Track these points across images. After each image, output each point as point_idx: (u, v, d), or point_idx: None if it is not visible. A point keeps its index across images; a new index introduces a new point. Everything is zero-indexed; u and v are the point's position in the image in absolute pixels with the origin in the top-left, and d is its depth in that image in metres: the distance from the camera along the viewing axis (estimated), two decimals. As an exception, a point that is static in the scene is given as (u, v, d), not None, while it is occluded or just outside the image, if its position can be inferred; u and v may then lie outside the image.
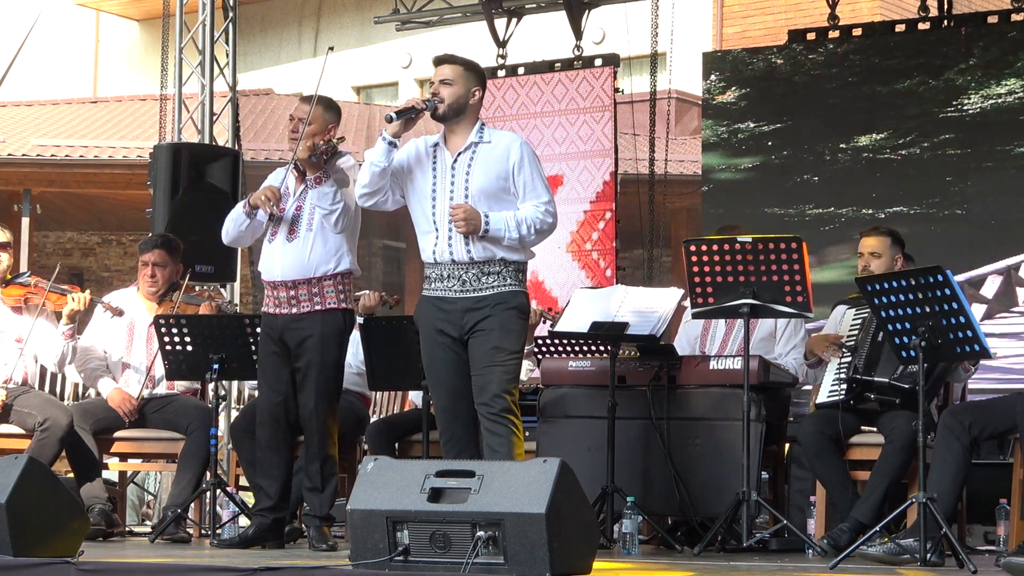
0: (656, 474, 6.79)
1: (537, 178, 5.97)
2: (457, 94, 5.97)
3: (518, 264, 5.96)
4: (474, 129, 6.00)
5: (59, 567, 4.89)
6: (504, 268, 5.91)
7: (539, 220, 5.92)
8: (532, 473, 4.65)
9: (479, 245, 5.90)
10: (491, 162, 5.95)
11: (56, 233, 19.21)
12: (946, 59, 10.36)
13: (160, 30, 11.66)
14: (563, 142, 11.06)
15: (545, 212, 5.93)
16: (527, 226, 5.90)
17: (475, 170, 5.95)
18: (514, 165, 5.94)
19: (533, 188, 5.95)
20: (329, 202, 6.45)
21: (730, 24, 19.82)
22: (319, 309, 6.49)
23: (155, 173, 10.02)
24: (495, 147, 5.98)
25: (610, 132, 10.89)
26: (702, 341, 7.28)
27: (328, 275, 6.51)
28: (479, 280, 5.91)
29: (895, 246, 6.93)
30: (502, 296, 5.90)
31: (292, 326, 6.51)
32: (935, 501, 5.61)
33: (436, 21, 12.46)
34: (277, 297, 6.55)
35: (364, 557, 4.76)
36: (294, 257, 6.50)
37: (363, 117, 19.37)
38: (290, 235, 6.52)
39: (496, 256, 5.91)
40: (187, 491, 7.36)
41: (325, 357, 6.49)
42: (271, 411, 6.61)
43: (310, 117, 6.47)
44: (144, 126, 17.80)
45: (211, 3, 10.95)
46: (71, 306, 7.52)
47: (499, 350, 5.86)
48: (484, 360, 5.87)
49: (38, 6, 20.84)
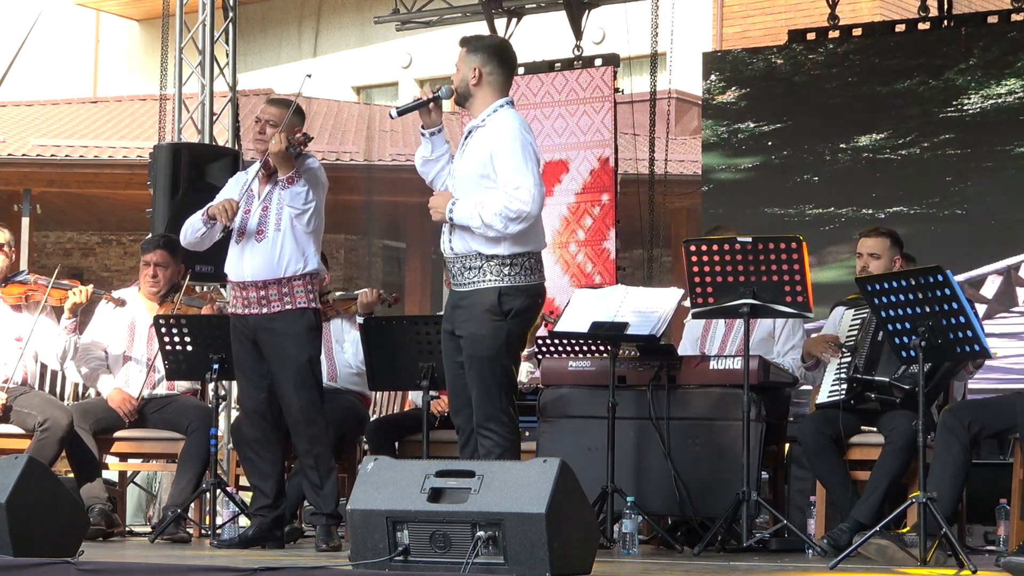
0: (656, 474, 6.79)
1: (512, 162, 5.68)
2: (461, 76, 5.92)
3: (501, 259, 5.73)
4: (485, 111, 5.86)
5: (59, 567, 4.88)
6: (485, 263, 5.74)
7: (503, 208, 5.63)
8: (532, 473, 4.65)
9: (458, 238, 5.79)
10: (476, 146, 5.82)
11: (56, 233, 19.20)
12: (946, 59, 10.35)
13: (160, 30, 11.67)
14: (563, 133, 11.07)
15: (511, 198, 5.63)
16: (492, 213, 5.64)
17: (466, 154, 5.86)
18: (493, 150, 5.75)
19: (506, 173, 5.69)
20: (302, 202, 6.45)
21: (730, 24, 19.82)
22: (289, 308, 6.48)
23: (155, 173, 10.03)
24: (487, 130, 5.83)
25: (609, 123, 10.87)
26: (702, 341, 7.28)
27: (298, 275, 6.50)
28: (462, 275, 5.81)
29: (894, 247, 6.93)
30: (477, 295, 5.76)
31: (264, 326, 6.50)
32: (935, 501, 5.61)
33: (436, 21, 12.47)
34: (246, 298, 6.54)
35: (364, 557, 4.76)
36: (263, 257, 6.49)
37: (363, 117, 19.36)
38: (258, 236, 6.50)
39: (472, 251, 5.75)
40: (187, 491, 7.36)
41: (300, 354, 6.48)
42: (257, 408, 6.61)
43: (278, 121, 6.46)
44: (144, 126, 17.79)
45: (211, 3, 10.95)
46: (73, 299, 7.52)
47: (472, 359, 5.76)
48: (466, 368, 5.80)
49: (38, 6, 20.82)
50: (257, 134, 6.56)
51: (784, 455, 7.46)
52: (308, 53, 23.67)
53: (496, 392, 5.74)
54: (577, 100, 11.05)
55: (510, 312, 5.75)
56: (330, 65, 23.32)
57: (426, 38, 18.91)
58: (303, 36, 23.81)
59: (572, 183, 11.01)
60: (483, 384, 5.75)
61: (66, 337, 7.56)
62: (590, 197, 10.94)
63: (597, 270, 10.83)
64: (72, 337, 7.57)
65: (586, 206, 10.98)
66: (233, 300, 6.63)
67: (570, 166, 11.02)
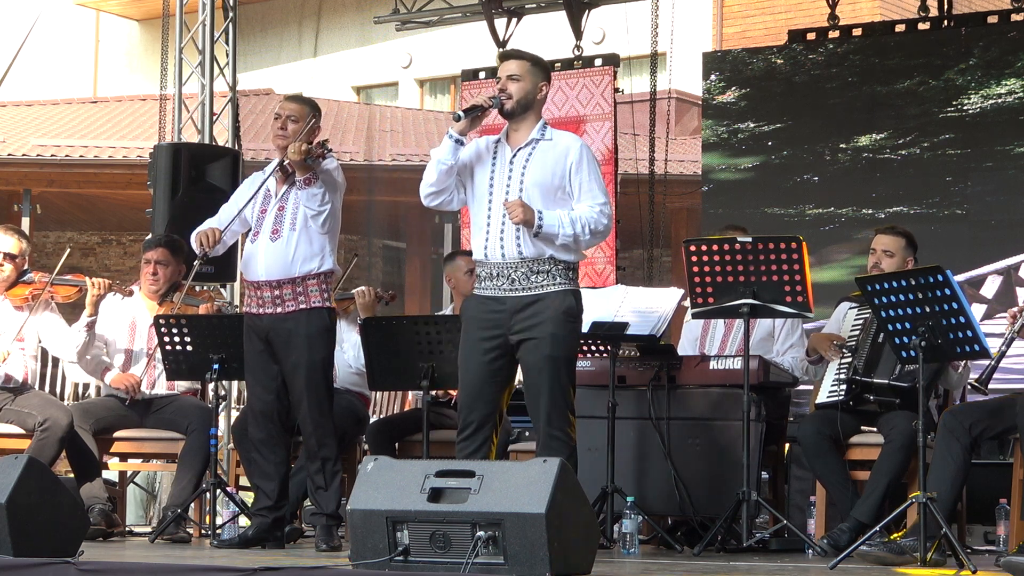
0: (656, 474, 6.80)
1: (594, 180, 5.88)
2: (525, 89, 5.91)
3: (568, 263, 5.85)
4: (537, 126, 5.93)
5: (59, 567, 4.88)
6: (554, 267, 5.81)
7: (594, 220, 5.80)
8: (532, 473, 4.65)
9: (530, 242, 5.81)
10: (550, 159, 5.88)
11: (56, 233, 19.20)
12: (946, 59, 10.36)
13: (160, 30, 11.66)
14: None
15: (600, 213, 5.82)
16: (581, 225, 5.79)
17: (532, 165, 5.88)
18: (572, 164, 5.86)
19: (590, 189, 5.86)
20: (318, 203, 6.45)
21: (730, 24, 19.82)
22: (304, 308, 6.49)
23: (155, 173, 10.03)
24: (556, 145, 5.91)
25: (610, 141, 10.83)
26: (701, 341, 7.28)
27: (312, 274, 6.51)
28: (528, 279, 5.81)
29: (908, 247, 6.90)
30: (552, 298, 5.80)
31: (278, 326, 6.51)
32: (935, 501, 5.61)
33: (436, 21, 12.46)
34: (261, 297, 6.55)
35: (364, 557, 4.76)
36: (277, 257, 6.50)
37: (363, 117, 19.36)
38: (273, 235, 6.52)
39: (546, 254, 5.81)
40: (187, 491, 7.36)
41: (313, 355, 6.49)
42: (264, 410, 6.61)
43: (299, 116, 6.50)
44: (144, 126, 17.79)
45: (211, 3, 10.95)
46: (92, 291, 7.50)
47: (551, 360, 5.77)
48: (536, 370, 5.79)
49: (38, 6, 20.85)
50: (278, 129, 6.56)
51: (784, 455, 7.46)
52: (308, 53, 23.67)
53: (570, 392, 5.83)
54: (578, 118, 10.93)
55: (579, 314, 5.92)
56: (330, 65, 23.33)
57: (426, 38, 18.94)
58: (303, 36, 23.81)
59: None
60: (559, 385, 5.78)
61: (85, 333, 7.53)
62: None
63: (597, 270, 10.82)
64: (90, 334, 7.54)
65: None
66: (248, 300, 6.64)
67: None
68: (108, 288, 7.55)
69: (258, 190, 6.56)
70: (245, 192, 6.69)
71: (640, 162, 11.64)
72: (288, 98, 6.70)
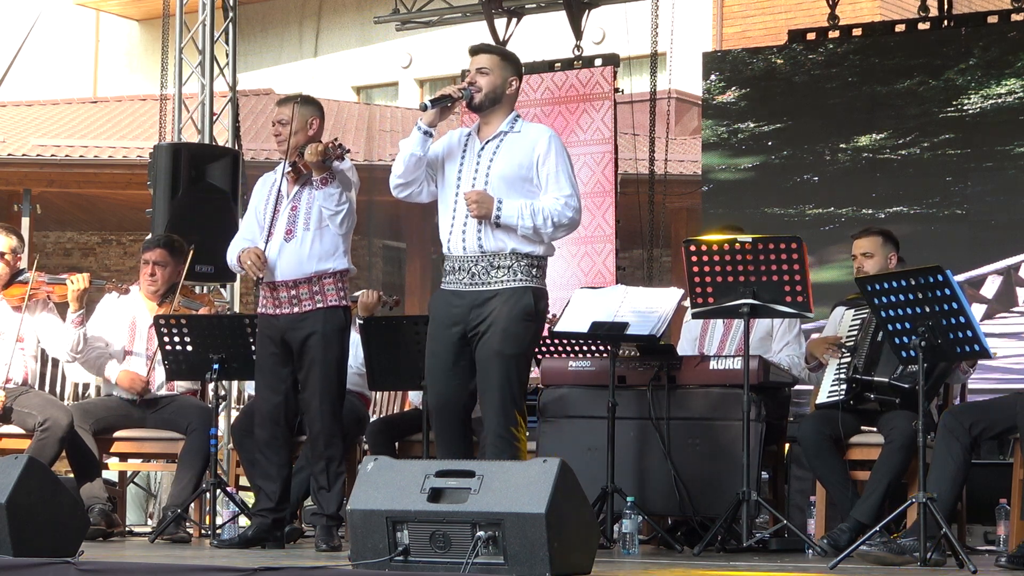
0: (656, 474, 6.79)
1: (562, 171, 5.86)
2: (494, 83, 5.95)
3: (532, 258, 5.84)
4: (507, 119, 5.96)
5: (59, 567, 4.88)
6: (515, 262, 5.82)
7: (557, 212, 5.80)
8: (532, 473, 4.65)
9: (491, 235, 5.82)
10: (516, 151, 5.89)
11: (56, 233, 19.20)
12: (946, 59, 10.36)
13: (160, 30, 11.66)
14: (563, 131, 11.04)
15: (565, 205, 5.81)
16: (544, 216, 5.78)
17: (499, 157, 5.90)
18: (539, 156, 5.87)
19: (556, 180, 5.85)
20: (335, 203, 6.45)
21: (730, 24, 19.81)
22: (320, 307, 6.50)
23: (155, 173, 10.02)
24: (523, 137, 5.93)
25: (609, 121, 10.86)
26: (700, 341, 7.28)
27: (328, 273, 6.52)
28: (487, 273, 5.83)
29: (887, 244, 6.94)
30: (510, 294, 5.80)
31: (294, 326, 6.51)
32: (935, 501, 5.61)
33: (436, 21, 12.47)
34: (277, 298, 6.55)
35: (364, 557, 4.76)
36: (292, 257, 6.51)
37: (363, 117, 19.36)
38: (287, 235, 6.52)
39: (507, 249, 5.82)
40: (187, 491, 7.36)
41: (328, 355, 6.49)
42: (270, 412, 6.61)
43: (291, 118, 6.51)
44: (144, 126, 17.79)
45: (211, 3, 10.95)
46: (73, 287, 7.51)
47: (500, 356, 5.77)
48: (484, 366, 5.81)
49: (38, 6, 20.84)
50: (275, 136, 6.62)
51: (784, 455, 7.46)
52: (308, 53, 23.68)
53: (518, 391, 5.80)
54: (577, 97, 11.03)
55: (539, 313, 5.87)
56: (330, 65, 23.33)
57: (426, 38, 18.93)
58: (303, 36, 23.81)
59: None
60: (508, 383, 5.77)
61: (75, 330, 7.55)
62: (590, 196, 10.93)
63: (597, 269, 10.82)
64: (80, 330, 7.56)
65: (586, 204, 10.97)
66: (263, 301, 6.64)
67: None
68: (89, 283, 7.54)
69: (270, 191, 6.57)
70: (260, 195, 6.69)
71: (640, 162, 11.64)
72: (278, 102, 6.72)
